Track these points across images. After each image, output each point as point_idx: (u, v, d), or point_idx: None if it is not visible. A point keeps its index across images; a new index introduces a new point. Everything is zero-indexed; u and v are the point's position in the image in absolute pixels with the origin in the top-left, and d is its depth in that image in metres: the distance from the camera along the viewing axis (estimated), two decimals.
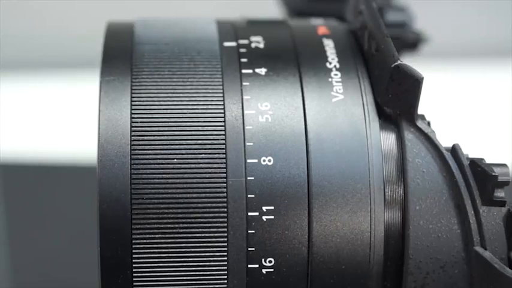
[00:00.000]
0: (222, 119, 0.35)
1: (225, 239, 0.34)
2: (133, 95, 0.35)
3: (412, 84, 0.35)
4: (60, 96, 0.73)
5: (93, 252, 0.34)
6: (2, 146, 0.67)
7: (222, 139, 0.34)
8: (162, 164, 0.34)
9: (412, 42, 0.44)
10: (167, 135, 0.34)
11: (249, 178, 0.34)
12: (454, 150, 0.35)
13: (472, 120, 0.68)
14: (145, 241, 0.34)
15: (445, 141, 0.36)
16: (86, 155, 0.66)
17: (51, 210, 0.64)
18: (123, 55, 0.36)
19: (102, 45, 0.37)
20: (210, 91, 0.35)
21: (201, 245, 0.34)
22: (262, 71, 0.36)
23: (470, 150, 0.36)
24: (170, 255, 0.34)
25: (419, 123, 0.35)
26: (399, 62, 0.35)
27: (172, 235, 0.34)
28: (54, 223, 0.63)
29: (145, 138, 0.34)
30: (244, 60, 0.36)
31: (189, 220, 0.34)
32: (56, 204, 0.64)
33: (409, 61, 0.35)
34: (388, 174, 0.35)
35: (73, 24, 0.76)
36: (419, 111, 0.36)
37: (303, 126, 0.35)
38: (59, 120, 0.72)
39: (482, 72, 0.73)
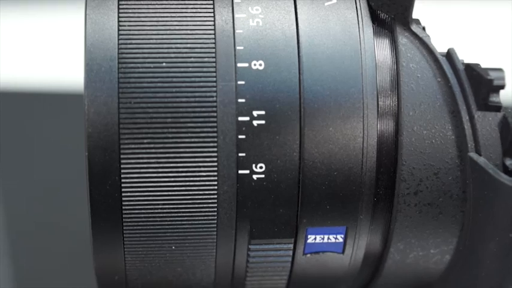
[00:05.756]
0: (212, 23, 0.34)
1: (215, 144, 0.33)
2: None
3: None
4: (48, 25, 0.72)
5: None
6: None
7: (211, 43, 0.33)
8: (151, 67, 0.33)
9: None
10: (156, 39, 0.33)
11: (239, 82, 0.33)
12: (449, 55, 0.34)
13: (469, 29, 0.67)
14: (133, 146, 0.33)
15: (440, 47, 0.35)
16: (77, 83, 0.65)
17: (41, 137, 0.63)
18: None
19: None
20: None
21: (190, 150, 0.33)
22: None
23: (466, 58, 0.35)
24: (158, 160, 0.33)
25: (414, 28, 0.34)
26: None
27: (160, 140, 0.33)
28: (45, 150, 0.62)
29: (133, 41, 0.33)
30: None
31: (178, 125, 0.33)
32: (46, 131, 0.63)
33: None
34: (381, 79, 0.34)
35: None
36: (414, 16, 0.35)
37: (295, 30, 0.34)
38: (48, 48, 0.71)
39: None
